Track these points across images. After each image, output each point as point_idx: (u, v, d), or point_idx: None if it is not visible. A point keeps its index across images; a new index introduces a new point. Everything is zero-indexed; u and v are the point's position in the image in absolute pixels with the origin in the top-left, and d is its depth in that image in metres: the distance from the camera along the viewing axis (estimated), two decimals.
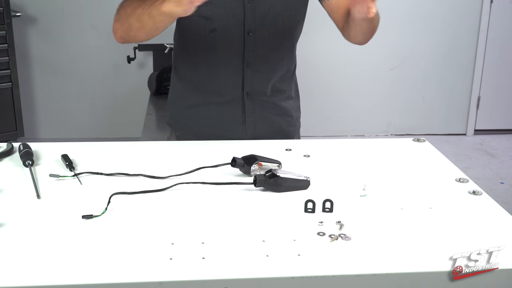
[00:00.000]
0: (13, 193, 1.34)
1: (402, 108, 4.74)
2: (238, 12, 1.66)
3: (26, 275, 1.02)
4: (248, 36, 1.69)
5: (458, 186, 1.43)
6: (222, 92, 1.74)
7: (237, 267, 1.05)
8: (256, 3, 1.66)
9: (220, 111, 1.76)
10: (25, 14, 4.13)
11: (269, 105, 1.80)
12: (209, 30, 1.68)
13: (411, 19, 4.55)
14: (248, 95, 1.75)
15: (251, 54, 1.71)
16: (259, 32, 1.69)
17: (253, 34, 1.69)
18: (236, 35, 1.68)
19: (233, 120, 1.77)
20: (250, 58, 1.71)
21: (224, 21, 1.67)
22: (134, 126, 3.89)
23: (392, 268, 1.06)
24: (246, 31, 1.68)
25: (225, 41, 1.69)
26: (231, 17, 1.66)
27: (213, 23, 1.67)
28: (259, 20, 1.68)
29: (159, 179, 1.41)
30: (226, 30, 1.68)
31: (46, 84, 4.37)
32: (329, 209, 1.27)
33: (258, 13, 1.67)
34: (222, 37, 1.69)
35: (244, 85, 1.74)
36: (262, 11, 1.67)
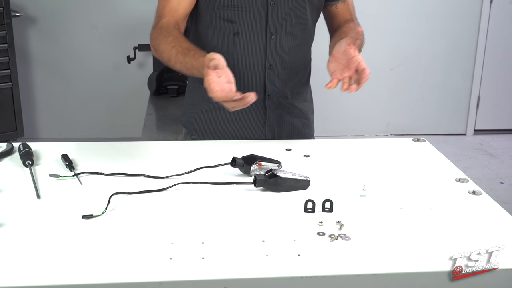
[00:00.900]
0: (13, 193, 1.34)
1: (402, 108, 4.74)
2: (261, 15, 1.68)
3: (26, 275, 1.02)
4: (270, 39, 1.70)
5: (458, 186, 1.44)
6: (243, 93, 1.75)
7: (237, 267, 1.05)
8: (278, 6, 1.68)
9: (241, 113, 1.65)
10: (25, 14, 4.13)
11: (289, 107, 1.82)
12: (232, 33, 1.70)
13: (411, 20, 4.55)
14: (269, 97, 1.77)
15: (272, 57, 1.73)
16: (281, 35, 1.71)
17: (275, 37, 1.71)
18: (258, 38, 1.70)
19: (253, 122, 1.79)
20: (271, 60, 1.73)
21: (248, 24, 1.68)
22: (134, 126, 3.89)
23: (392, 268, 1.06)
24: (268, 34, 1.70)
25: (248, 44, 1.71)
26: (254, 21, 1.68)
27: (237, 26, 1.69)
28: (280, 23, 1.70)
29: (159, 179, 1.41)
30: (249, 33, 1.70)
31: (46, 84, 4.37)
32: (329, 209, 1.27)
33: (280, 16, 1.69)
34: (245, 40, 1.70)
35: (266, 88, 1.76)
36: (283, 14, 1.69)
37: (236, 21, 1.68)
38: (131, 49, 4.14)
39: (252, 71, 1.73)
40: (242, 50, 1.71)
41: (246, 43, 1.71)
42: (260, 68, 1.73)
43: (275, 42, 1.71)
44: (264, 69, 1.74)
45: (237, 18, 1.68)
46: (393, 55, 4.60)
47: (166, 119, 3.46)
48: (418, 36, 4.59)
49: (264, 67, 1.74)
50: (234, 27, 1.69)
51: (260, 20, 1.68)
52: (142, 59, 4.33)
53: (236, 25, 1.69)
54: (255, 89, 1.71)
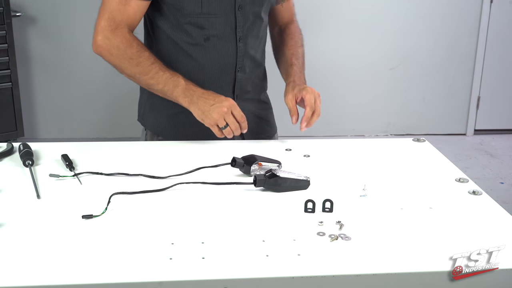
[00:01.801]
0: (13, 193, 1.34)
1: (402, 108, 4.74)
2: (230, 20, 1.68)
3: (26, 275, 1.02)
4: (239, 43, 1.72)
5: (458, 186, 1.44)
6: None
7: (237, 267, 1.05)
8: (245, 11, 1.69)
9: None
10: (25, 14, 4.13)
11: (254, 102, 1.85)
12: (203, 39, 1.69)
13: (411, 19, 4.55)
14: (238, 97, 1.77)
15: (241, 59, 1.74)
16: (248, 38, 1.73)
17: (243, 40, 1.72)
18: (229, 43, 1.71)
19: None
20: (241, 63, 1.74)
21: (218, 30, 1.69)
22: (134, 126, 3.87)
23: (392, 268, 1.06)
24: (237, 38, 1.71)
25: (219, 48, 1.71)
26: (224, 26, 1.68)
27: (207, 32, 1.68)
28: (248, 27, 1.71)
29: (159, 179, 1.41)
30: (219, 38, 1.70)
31: (46, 84, 4.37)
32: (329, 209, 1.27)
33: (247, 20, 1.70)
34: (216, 45, 1.71)
35: (235, 88, 1.76)
36: (250, 18, 1.71)
37: (206, 27, 1.68)
38: None
39: (222, 74, 1.74)
40: (212, 55, 1.72)
41: (216, 48, 1.71)
42: (230, 71, 1.74)
43: (244, 45, 1.73)
44: (234, 71, 1.74)
45: (207, 24, 1.68)
46: (393, 55, 4.60)
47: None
48: (418, 36, 4.59)
49: (234, 70, 1.74)
50: (204, 32, 1.69)
51: (230, 25, 1.69)
52: None
53: (206, 30, 1.68)
54: (225, 91, 1.73)
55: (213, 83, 1.72)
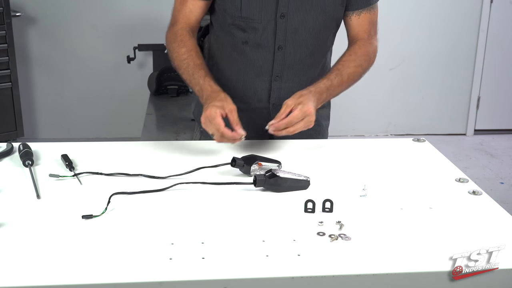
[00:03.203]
0: (13, 193, 1.34)
1: (402, 108, 4.74)
2: (270, 27, 1.67)
3: (26, 275, 1.02)
4: (278, 51, 1.70)
5: (458, 186, 1.43)
6: (248, 100, 1.76)
7: (237, 267, 1.05)
8: (288, 19, 1.67)
9: (246, 117, 1.65)
10: (25, 14, 4.13)
11: None
12: (241, 42, 1.71)
13: (411, 19, 4.55)
14: (274, 106, 1.76)
15: (279, 68, 1.72)
16: (289, 48, 1.70)
17: (283, 49, 1.70)
18: (266, 49, 1.70)
19: (259, 129, 1.77)
20: (278, 71, 1.73)
21: (256, 35, 1.69)
22: (134, 126, 3.89)
23: (392, 268, 1.06)
24: (276, 46, 1.70)
25: (255, 54, 1.71)
26: (262, 32, 1.68)
27: (246, 35, 1.69)
28: (290, 36, 1.69)
29: (159, 179, 1.41)
30: (257, 43, 1.70)
31: (46, 84, 4.37)
32: (329, 209, 1.27)
33: (289, 29, 1.68)
34: (253, 50, 1.71)
35: (271, 97, 1.76)
36: (293, 27, 1.68)
37: (247, 30, 1.69)
38: (131, 49, 4.13)
39: (257, 80, 1.74)
40: (249, 59, 1.72)
41: (253, 52, 1.71)
42: (266, 78, 1.74)
43: (284, 55, 1.71)
44: (270, 79, 1.74)
45: (247, 28, 1.69)
46: (393, 55, 4.60)
47: (166, 119, 3.46)
48: (418, 36, 4.59)
49: (270, 77, 1.74)
50: (244, 35, 1.70)
51: (269, 32, 1.68)
52: (142, 59, 4.33)
53: (246, 34, 1.69)
54: (259, 97, 1.75)
55: (249, 87, 1.73)
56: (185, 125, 3.29)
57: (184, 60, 1.68)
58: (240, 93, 1.74)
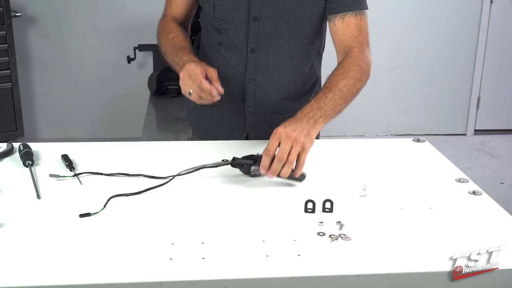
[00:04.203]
0: (13, 193, 1.34)
1: (402, 108, 4.74)
2: (242, 29, 1.67)
3: (26, 275, 1.02)
4: (251, 54, 1.69)
5: (458, 186, 1.44)
6: (226, 101, 1.74)
7: (237, 267, 1.05)
8: (261, 23, 1.66)
9: (227, 117, 1.78)
10: (25, 14, 4.13)
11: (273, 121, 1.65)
12: (217, 42, 1.72)
13: (411, 19, 4.55)
14: (249, 109, 1.75)
15: (253, 71, 1.71)
16: (263, 51, 1.69)
17: (257, 52, 1.69)
18: (239, 52, 1.70)
19: (236, 129, 1.79)
20: (252, 74, 1.72)
21: (229, 36, 1.69)
22: (134, 126, 3.89)
23: (392, 268, 1.06)
24: (249, 49, 1.69)
25: (229, 55, 1.71)
26: (235, 34, 1.68)
27: (221, 36, 1.70)
28: (263, 40, 1.68)
29: (159, 179, 1.41)
30: (230, 45, 1.70)
31: (46, 84, 4.37)
32: (329, 209, 1.27)
33: (262, 33, 1.67)
34: (227, 51, 1.71)
35: (245, 100, 1.75)
36: (266, 32, 1.67)
37: (221, 31, 1.70)
38: (131, 49, 4.13)
39: (232, 82, 1.72)
40: (223, 60, 1.72)
41: (227, 54, 1.71)
42: (240, 80, 1.73)
43: (257, 58, 1.69)
44: (243, 82, 1.72)
45: (222, 29, 1.69)
46: (393, 55, 4.60)
47: (166, 119, 3.46)
48: (418, 36, 4.59)
49: (243, 80, 1.72)
50: (219, 36, 1.71)
51: (241, 34, 1.68)
52: (142, 59, 4.33)
53: (220, 35, 1.70)
54: (234, 99, 1.74)
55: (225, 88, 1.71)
56: (185, 125, 3.28)
57: (170, 46, 1.70)
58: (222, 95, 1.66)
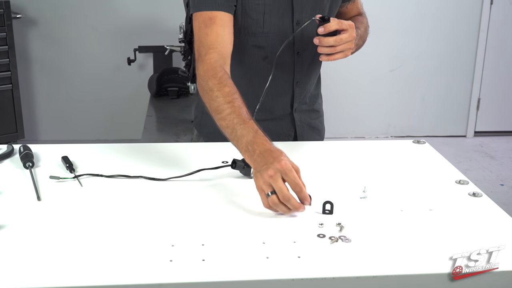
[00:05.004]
0: (14, 195, 1.34)
1: (402, 109, 4.74)
2: (288, 36, 1.65)
3: (27, 277, 1.02)
4: (297, 57, 1.71)
5: (458, 188, 1.44)
6: (273, 110, 1.75)
7: (237, 269, 1.05)
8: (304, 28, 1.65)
9: (270, 127, 1.62)
10: (25, 16, 4.13)
11: (310, 113, 1.86)
12: (262, 58, 1.69)
13: (411, 21, 4.56)
14: (296, 110, 1.79)
15: (300, 74, 1.74)
16: (307, 52, 1.71)
17: (302, 54, 1.71)
18: (287, 58, 1.70)
19: (283, 133, 1.80)
20: (299, 77, 1.74)
21: (276, 47, 1.64)
22: (134, 128, 3.89)
23: (392, 270, 1.06)
24: (295, 53, 1.70)
25: (277, 65, 1.64)
26: (282, 43, 1.63)
27: (266, 51, 1.68)
28: (306, 41, 1.69)
29: (159, 181, 1.41)
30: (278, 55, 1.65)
31: (46, 86, 4.38)
32: (329, 211, 1.27)
33: (306, 35, 1.68)
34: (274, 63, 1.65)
35: (294, 103, 1.77)
36: (309, 32, 1.66)
37: (265, 46, 1.67)
38: (132, 51, 4.14)
39: (281, 89, 1.73)
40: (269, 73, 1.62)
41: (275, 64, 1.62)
42: (289, 86, 1.74)
43: (302, 59, 1.72)
44: (292, 86, 1.75)
45: (266, 44, 1.67)
46: (393, 57, 4.60)
47: (166, 121, 3.47)
48: (418, 38, 4.59)
49: (292, 84, 1.74)
50: (263, 52, 1.68)
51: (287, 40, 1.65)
52: (143, 61, 4.34)
53: (265, 50, 1.68)
54: (284, 105, 1.76)
55: (272, 98, 1.70)
56: (185, 127, 3.29)
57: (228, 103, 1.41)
58: (265, 106, 1.63)
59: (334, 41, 1.52)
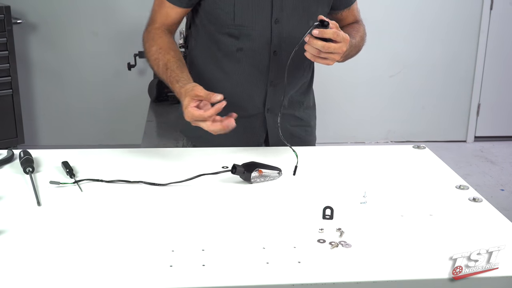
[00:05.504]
0: (14, 200, 1.34)
1: (402, 115, 4.74)
2: (265, 33, 1.67)
3: (27, 282, 1.01)
4: (274, 57, 1.70)
5: (458, 193, 1.43)
6: (245, 107, 1.75)
7: (237, 274, 1.05)
8: (282, 24, 1.67)
9: (242, 124, 1.65)
10: (25, 21, 4.14)
11: (288, 117, 1.82)
12: (236, 49, 1.70)
13: (411, 27, 4.56)
14: (269, 110, 1.77)
15: (275, 74, 1.72)
16: (285, 52, 1.70)
17: (279, 54, 1.70)
18: (262, 55, 1.70)
19: (253, 133, 1.79)
20: (273, 77, 1.73)
21: (252, 41, 1.68)
22: (134, 133, 3.89)
23: (392, 275, 1.06)
24: (272, 52, 1.69)
25: (252, 60, 1.70)
26: (258, 38, 1.67)
27: (241, 42, 1.68)
28: (285, 41, 1.69)
29: (159, 186, 1.41)
30: (253, 50, 1.69)
31: (47, 91, 4.38)
32: (330, 216, 1.27)
33: (284, 34, 1.68)
34: (249, 56, 1.70)
35: (266, 102, 1.76)
36: (287, 32, 1.68)
37: (240, 37, 1.68)
38: (132, 56, 4.14)
39: (254, 86, 1.73)
40: (244, 66, 1.71)
41: (249, 59, 1.70)
42: (262, 84, 1.73)
43: (279, 59, 1.70)
44: (266, 85, 1.74)
45: (242, 35, 1.68)
46: (393, 62, 4.61)
47: (166, 126, 3.46)
48: (418, 43, 4.60)
49: (266, 83, 1.73)
50: (238, 43, 1.69)
51: (264, 37, 1.67)
52: (143, 66, 4.34)
53: (240, 41, 1.68)
54: (255, 104, 1.75)
55: (244, 95, 1.71)
56: None
57: (155, 60, 1.65)
58: (238, 102, 1.71)
59: (322, 47, 1.50)
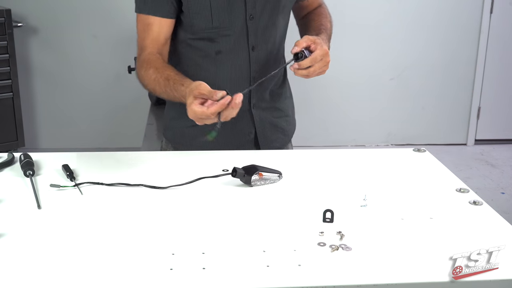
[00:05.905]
0: (14, 203, 1.34)
1: (402, 118, 4.74)
2: (242, 31, 1.68)
3: (27, 285, 1.01)
4: (252, 52, 1.71)
5: (458, 196, 1.43)
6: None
7: (237, 277, 1.05)
8: (256, 20, 1.69)
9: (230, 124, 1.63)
10: (26, 24, 4.14)
11: (270, 110, 1.84)
12: (215, 52, 1.70)
13: (411, 29, 4.56)
14: (254, 106, 1.78)
15: (255, 68, 1.73)
16: (262, 46, 1.72)
17: (256, 50, 1.71)
18: (241, 53, 1.71)
19: (242, 131, 1.79)
20: (255, 72, 1.74)
21: (230, 41, 1.69)
22: (134, 136, 3.89)
23: (393, 278, 1.06)
24: (250, 48, 1.70)
25: (232, 60, 1.71)
26: (236, 37, 1.68)
27: (219, 45, 1.69)
28: (260, 36, 1.70)
29: (160, 189, 1.41)
30: (231, 49, 1.70)
31: (47, 94, 4.38)
32: (330, 219, 1.27)
33: (259, 30, 1.70)
34: (228, 57, 1.71)
35: (251, 98, 1.77)
36: (262, 27, 1.70)
37: (217, 40, 1.69)
38: (132, 59, 4.14)
39: (238, 85, 1.73)
40: (225, 67, 1.72)
41: (229, 60, 1.71)
42: (245, 81, 1.74)
43: (257, 55, 1.72)
44: (249, 82, 1.74)
45: (219, 37, 1.69)
46: (393, 65, 4.61)
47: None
48: (418, 46, 4.60)
49: (248, 80, 1.74)
50: (216, 45, 1.70)
51: (242, 36, 1.69)
52: None
53: (217, 43, 1.69)
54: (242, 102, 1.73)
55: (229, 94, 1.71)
56: None
57: (155, 80, 1.65)
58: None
59: (308, 73, 1.56)
